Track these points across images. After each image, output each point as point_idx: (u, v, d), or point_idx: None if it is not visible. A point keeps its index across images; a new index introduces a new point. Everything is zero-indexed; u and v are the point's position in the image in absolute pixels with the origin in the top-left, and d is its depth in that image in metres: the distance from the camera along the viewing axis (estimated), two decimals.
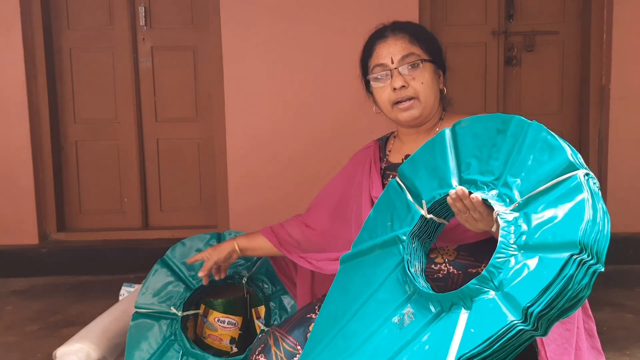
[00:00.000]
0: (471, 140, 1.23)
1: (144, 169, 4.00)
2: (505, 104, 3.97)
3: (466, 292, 1.07)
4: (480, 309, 1.04)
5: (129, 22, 3.87)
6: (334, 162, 3.63)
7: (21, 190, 3.75)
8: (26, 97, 3.71)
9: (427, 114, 1.54)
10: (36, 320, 3.01)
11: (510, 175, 1.13)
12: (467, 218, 1.20)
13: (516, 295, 0.99)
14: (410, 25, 1.58)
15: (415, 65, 1.51)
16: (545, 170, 1.07)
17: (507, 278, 1.02)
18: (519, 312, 0.98)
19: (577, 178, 1.02)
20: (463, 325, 1.04)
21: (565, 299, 0.97)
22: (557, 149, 1.07)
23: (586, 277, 0.98)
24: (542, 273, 0.98)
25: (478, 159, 1.20)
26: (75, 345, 1.83)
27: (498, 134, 1.18)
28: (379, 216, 1.37)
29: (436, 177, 1.26)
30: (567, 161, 1.05)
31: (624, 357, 2.45)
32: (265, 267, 2.02)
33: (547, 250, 0.99)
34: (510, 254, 1.04)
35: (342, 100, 3.69)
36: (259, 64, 3.69)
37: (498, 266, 1.04)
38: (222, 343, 2.01)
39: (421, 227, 1.28)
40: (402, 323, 1.15)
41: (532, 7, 3.92)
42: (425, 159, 1.31)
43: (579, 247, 0.96)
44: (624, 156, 3.75)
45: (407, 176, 1.33)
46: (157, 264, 2.00)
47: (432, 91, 1.52)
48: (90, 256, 3.76)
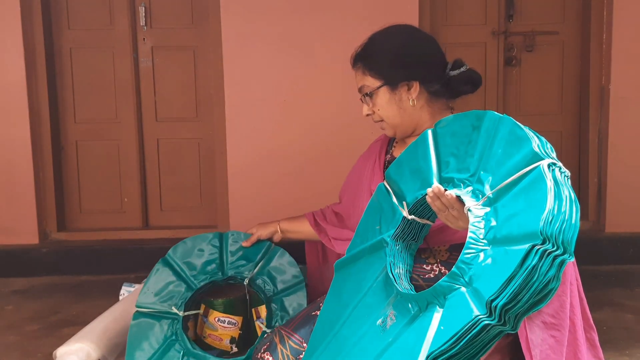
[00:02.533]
0: (450, 139, 1.24)
1: (144, 169, 4.00)
2: (505, 104, 3.97)
3: (439, 290, 1.06)
4: (451, 306, 1.03)
5: (129, 22, 3.87)
6: (334, 162, 3.64)
7: (21, 190, 3.75)
8: (26, 97, 3.71)
9: (404, 129, 1.61)
10: (36, 320, 3.01)
11: (484, 170, 1.13)
12: (447, 216, 1.21)
13: (481, 290, 0.99)
14: (369, 51, 1.66)
15: (368, 96, 1.62)
16: (513, 162, 1.07)
17: (476, 273, 1.02)
18: (483, 306, 0.97)
19: (540, 168, 1.02)
20: (436, 323, 1.04)
21: (532, 291, 0.96)
22: (523, 140, 1.07)
23: (553, 269, 0.96)
24: (504, 265, 0.97)
25: (456, 156, 1.21)
26: (75, 345, 1.83)
27: (473, 131, 1.19)
28: (369, 220, 1.39)
29: (419, 179, 1.27)
30: (532, 152, 1.04)
31: (623, 357, 2.45)
32: (266, 268, 2.02)
33: (512, 243, 0.99)
34: (479, 249, 1.04)
35: (343, 100, 3.68)
36: (259, 64, 3.69)
37: (467, 262, 1.04)
38: (222, 343, 2.02)
39: (404, 228, 1.30)
40: (385, 325, 1.15)
41: (532, 7, 3.92)
42: (409, 160, 1.33)
43: (541, 238, 0.95)
44: (624, 156, 3.75)
45: (393, 179, 1.35)
46: (159, 263, 2.01)
47: (391, 112, 1.59)
48: (90, 256, 3.76)
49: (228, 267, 2.02)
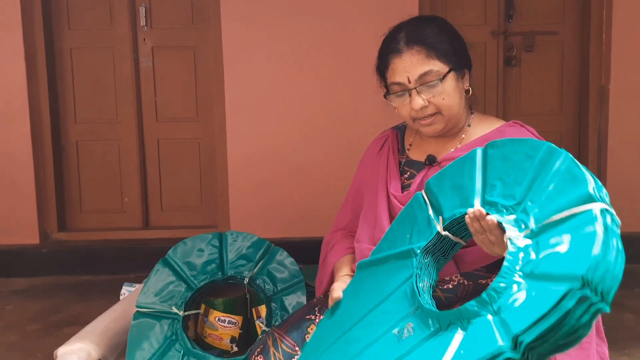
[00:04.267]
0: (500, 162, 1.19)
1: (145, 169, 4.01)
2: (504, 104, 3.97)
3: (464, 313, 1.04)
4: (475, 332, 1.01)
5: (130, 22, 3.88)
6: (334, 162, 3.65)
7: (22, 190, 3.75)
8: (27, 97, 3.72)
9: (453, 124, 1.48)
10: (37, 320, 3.01)
11: (531, 201, 1.09)
12: (483, 240, 1.18)
13: (510, 322, 0.97)
14: (427, 31, 1.45)
15: (439, 80, 1.41)
16: (565, 200, 1.03)
17: (506, 304, 0.99)
18: (509, 339, 0.95)
19: (592, 212, 0.99)
20: (456, 345, 1.02)
21: (561, 334, 0.93)
22: (579, 180, 1.04)
23: (587, 315, 0.93)
24: (539, 303, 0.95)
25: (503, 181, 1.17)
26: (76, 344, 1.84)
27: (526, 159, 1.14)
28: (400, 227, 1.36)
29: (460, 196, 1.23)
30: (586, 193, 1.01)
31: (623, 356, 2.45)
32: (266, 267, 2.03)
33: (550, 281, 0.96)
34: (513, 280, 1.01)
35: (343, 99, 3.69)
36: (260, 64, 3.69)
37: (499, 291, 1.02)
38: (223, 342, 2.02)
39: (436, 243, 1.26)
40: (401, 336, 1.14)
41: (531, 7, 3.92)
42: (453, 175, 1.28)
43: (581, 282, 0.92)
44: (624, 156, 3.75)
45: (432, 191, 1.30)
46: (159, 263, 2.01)
47: (455, 101, 1.44)
48: (90, 256, 3.77)
49: (228, 266, 2.02)
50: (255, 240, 2.08)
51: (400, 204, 1.49)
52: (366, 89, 3.75)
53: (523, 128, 1.48)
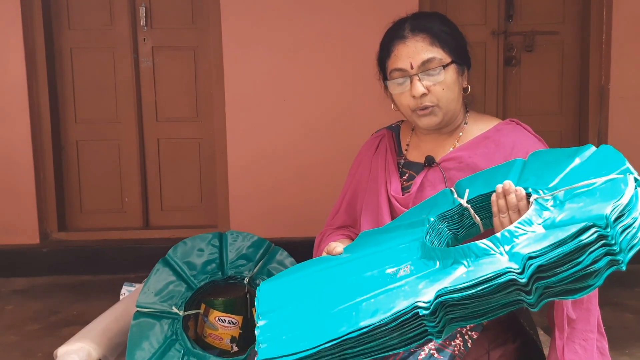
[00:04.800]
0: (538, 164, 1.20)
1: (145, 169, 4.01)
2: (504, 104, 3.98)
3: (472, 249, 0.99)
4: (481, 264, 0.96)
5: (130, 22, 3.88)
6: (334, 161, 3.65)
7: (22, 190, 3.76)
8: (27, 97, 3.72)
9: (449, 119, 1.48)
10: (37, 320, 3.01)
11: (563, 183, 1.08)
12: (503, 221, 1.17)
13: (521, 251, 0.93)
14: (432, 22, 1.46)
15: (436, 70, 1.41)
16: (599, 174, 1.03)
17: (519, 244, 0.95)
18: (519, 261, 0.91)
19: (625, 176, 0.99)
20: (458, 273, 0.96)
21: (571, 272, 0.89)
22: (618, 158, 1.05)
23: (601, 262, 0.89)
24: (556, 236, 0.91)
25: (537, 176, 1.16)
26: (76, 344, 1.84)
27: (566, 158, 1.15)
28: (417, 211, 1.33)
29: (490, 187, 1.21)
30: (624, 166, 1.02)
31: (623, 356, 2.46)
32: (267, 267, 2.03)
33: (571, 223, 0.93)
34: (532, 230, 0.98)
35: (343, 99, 3.69)
36: (259, 64, 3.69)
37: (513, 234, 0.98)
38: (223, 342, 2.02)
39: (454, 214, 1.23)
40: (396, 274, 1.07)
41: (531, 7, 3.92)
42: (486, 176, 1.28)
43: (605, 222, 0.89)
44: (624, 156, 3.75)
45: (463, 187, 1.29)
46: (159, 263, 2.01)
47: (453, 95, 1.44)
48: (90, 256, 3.77)
49: (228, 266, 2.02)
50: (255, 240, 2.08)
51: (402, 206, 1.48)
52: (367, 89, 3.75)
53: (519, 126, 1.48)
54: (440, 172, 1.45)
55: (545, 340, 1.63)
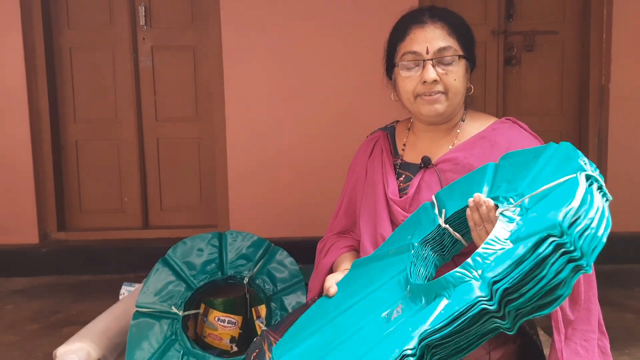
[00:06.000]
0: (510, 168, 1.22)
1: (144, 169, 4.00)
2: (505, 104, 3.97)
3: (449, 280, 1.02)
4: (458, 294, 0.99)
5: (129, 21, 3.87)
6: (334, 162, 3.65)
7: (21, 190, 3.75)
8: (26, 96, 3.72)
9: (451, 112, 1.48)
10: (37, 320, 3.01)
11: (528, 188, 1.10)
12: (480, 233, 1.18)
13: (488, 275, 0.95)
14: (450, 14, 1.47)
15: (451, 60, 1.42)
16: (557, 177, 1.04)
17: (489, 266, 0.97)
18: (486, 287, 0.93)
19: (576, 177, 0.99)
20: (439, 310, 1.00)
21: (538, 288, 0.90)
22: (572, 157, 1.06)
23: (565, 271, 0.90)
24: (515, 251, 0.93)
25: (509, 182, 1.18)
26: (75, 344, 1.84)
27: (534, 159, 1.17)
28: (402, 232, 1.36)
29: (466, 199, 1.23)
30: (577, 165, 1.03)
31: (623, 356, 2.46)
32: (266, 267, 2.02)
33: (530, 237, 0.94)
34: (499, 247, 1.00)
35: (342, 99, 3.69)
36: (259, 64, 3.69)
37: (484, 257, 1.00)
38: (222, 342, 2.02)
39: (435, 236, 1.26)
40: (390, 317, 1.12)
41: (531, 6, 3.92)
42: (462, 185, 1.30)
43: (559, 230, 0.90)
44: (624, 156, 3.75)
45: (441, 199, 1.31)
46: (158, 263, 2.01)
47: (461, 89, 1.45)
48: (90, 256, 3.77)
49: (227, 266, 2.02)
50: (255, 240, 2.08)
51: (400, 208, 1.48)
52: (367, 89, 3.75)
53: (516, 125, 1.48)
54: (436, 174, 1.46)
55: (545, 340, 1.63)
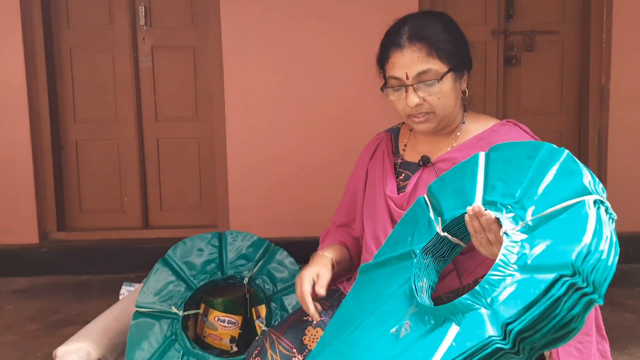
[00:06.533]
0: (501, 164, 1.20)
1: (144, 169, 4.00)
2: (505, 103, 3.97)
3: (458, 307, 1.04)
4: (468, 324, 1.01)
5: (129, 21, 3.87)
6: (334, 162, 3.65)
7: (21, 190, 3.75)
8: (26, 96, 3.72)
9: (445, 123, 1.48)
10: (36, 320, 3.01)
11: (528, 198, 1.10)
12: (481, 240, 1.18)
13: (500, 312, 0.96)
14: (431, 29, 1.44)
15: (437, 80, 1.41)
16: (560, 195, 1.04)
17: (498, 296, 0.99)
18: (499, 328, 0.94)
19: (584, 202, 0.99)
20: (450, 339, 1.01)
21: (552, 325, 0.92)
22: (575, 173, 1.05)
23: (578, 306, 0.92)
24: (528, 291, 0.94)
25: (503, 182, 1.17)
26: (75, 344, 1.84)
27: (527, 160, 1.15)
28: (402, 231, 1.36)
29: (460, 197, 1.24)
30: (581, 186, 1.02)
31: (623, 356, 2.46)
32: (266, 267, 2.02)
33: (541, 271, 0.95)
34: (507, 273, 1.00)
35: (342, 99, 3.69)
36: (259, 64, 3.69)
37: (492, 283, 1.01)
38: (222, 342, 2.02)
39: (436, 244, 1.26)
40: (399, 335, 1.13)
41: (531, 6, 3.92)
42: (454, 179, 1.29)
43: (571, 270, 0.91)
44: (624, 156, 3.75)
45: (434, 194, 1.31)
46: (158, 263, 2.01)
47: (450, 101, 1.44)
48: (90, 255, 3.77)
49: (227, 266, 2.02)
50: (255, 240, 2.08)
51: (397, 205, 1.49)
52: (367, 89, 3.75)
53: (517, 127, 1.48)
54: (435, 172, 1.46)
55: None
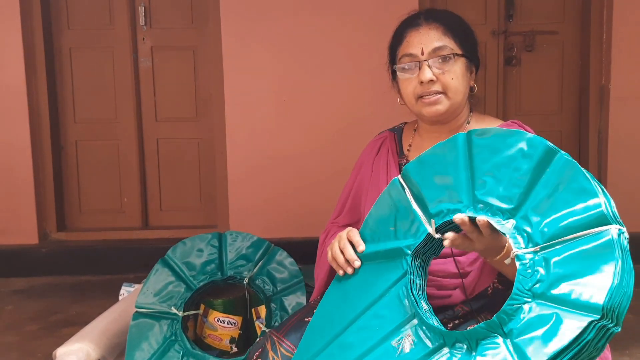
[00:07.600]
0: (489, 155, 1.13)
1: (144, 169, 4.00)
2: (504, 103, 3.97)
3: (473, 334, 1.01)
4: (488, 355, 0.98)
5: (129, 22, 3.87)
6: (334, 162, 3.65)
7: (21, 190, 3.75)
8: (26, 96, 3.71)
9: (453, 112, 1.47)
10: (36, 320, 3.01)
11: (532, 209, 1.04)
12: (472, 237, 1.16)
13: (527, 351, 0.94)
14: (446, 15, 1.49)
15: (446, 58, 1.42)
16: (571, 213, 0.99)
17: (517, 327, 0.97)
18: None
19: (610, 235, 0.95)
20: None
21: None
22: (589, 193, 0.99)
23: (602, 340, 0.93)
24: (558, 334, 0.92)
25: (496, 179, 1.10)
26: (75, 345, 1.83)
27: (523, 158, 1.08)
28: (381, 217, 1.30)
29: (446, 188, 1.17)
30: (599, 212, 0.97)
31: (623, 356, 2.45)
32: (266, 268, 2.02)
33: (567, 309, 0.93)
34: (524, 300, 0.98)
35: (342, 99, 3.69)
36: (259, 64, 3.68)
37: (510, 313, 0.98)
38: (222, 343, 2.02)
39: (427, 244, 1.22)
40: (402, 349, 1.11)
41: (531, 6, 3.92)
42: (434, 163, 1.21)
43: (602, 314, 0.90)
44: (624, 156, 3.75)
45: (412, 179, 1.23)
46: (158, 263, 2.01)
47: (461, 87, 1.45)
48: (90, 256, 3.76)
49: (227, 267, 2.02)
50: (254, 241, 2.07)
51: None
52: (367, 89, 3.75)
53: (521, 128, 1.47)
54: None
55: None
